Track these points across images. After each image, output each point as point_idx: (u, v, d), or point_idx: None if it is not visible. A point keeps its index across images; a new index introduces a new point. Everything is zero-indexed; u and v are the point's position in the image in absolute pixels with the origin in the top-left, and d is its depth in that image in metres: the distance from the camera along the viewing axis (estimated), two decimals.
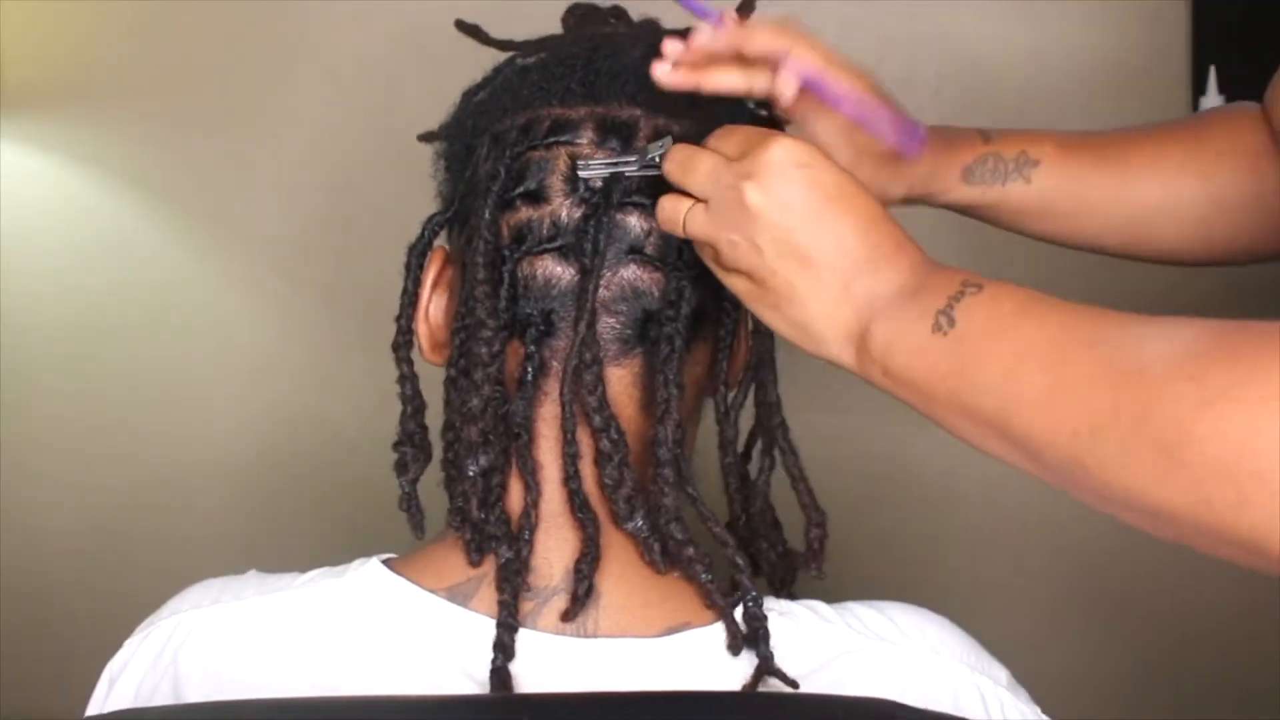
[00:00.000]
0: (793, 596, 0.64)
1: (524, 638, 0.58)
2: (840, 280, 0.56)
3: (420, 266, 0.66)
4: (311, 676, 0.59)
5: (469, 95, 0.68)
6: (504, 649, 0.57)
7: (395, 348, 0.66)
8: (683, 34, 0.68)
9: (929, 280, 0.54)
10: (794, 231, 0.56)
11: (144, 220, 1.57)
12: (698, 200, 0.59)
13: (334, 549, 0.70)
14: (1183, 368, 0.43)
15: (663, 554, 0.61)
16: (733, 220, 0.57)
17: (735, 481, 0.69)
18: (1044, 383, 0.48)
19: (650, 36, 0.66)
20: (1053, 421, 0.47)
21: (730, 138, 0.59)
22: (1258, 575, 0.46)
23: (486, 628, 0.58)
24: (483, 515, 0.60)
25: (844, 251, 0.56)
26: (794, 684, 0.57)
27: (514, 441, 0.61)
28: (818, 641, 0.60)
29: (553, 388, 0.62)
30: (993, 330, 0.51)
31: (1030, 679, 0.64)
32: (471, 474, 0.60)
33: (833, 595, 0.64)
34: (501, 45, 0.71)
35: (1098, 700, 1.55)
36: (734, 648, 0.59)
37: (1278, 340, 0.42)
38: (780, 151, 0.56)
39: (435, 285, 0.67)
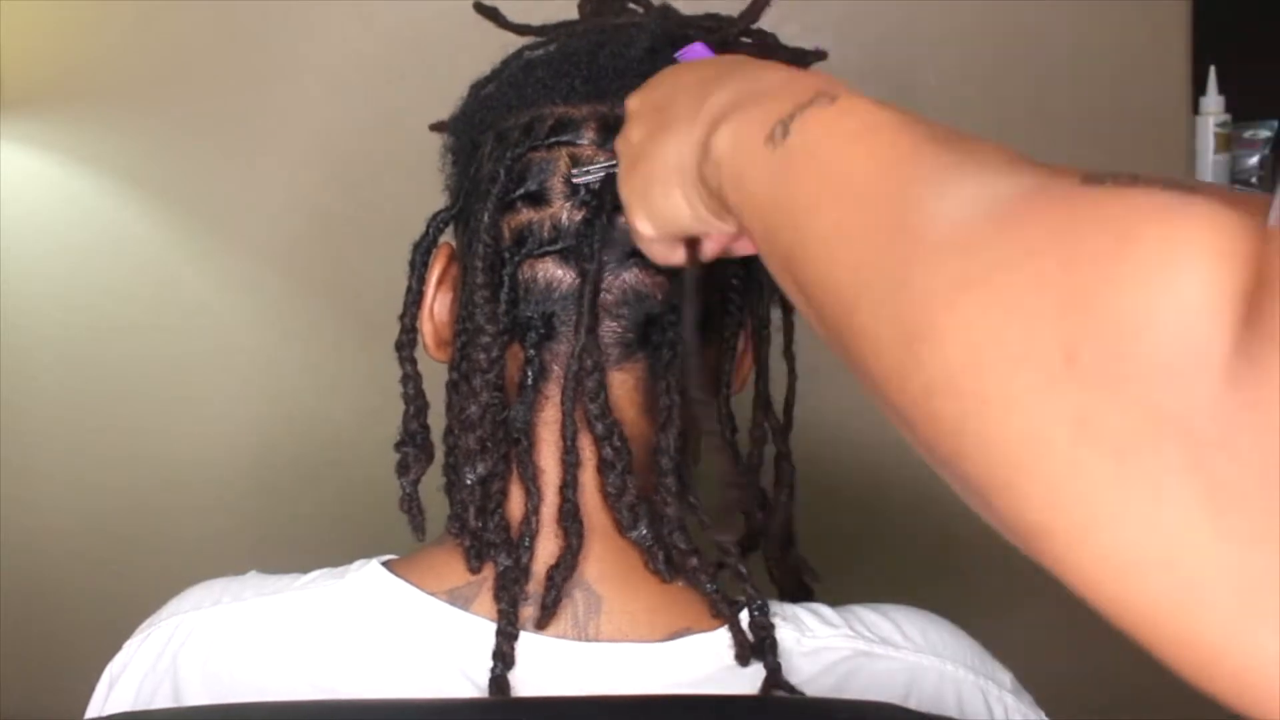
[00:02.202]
0: (795, 599, 0.64)
1: (525, 641, 0.58)
2: (692, 109, 0.48)
3: (425, 264, 0.65)
4: (311, 678, 0.58)
5: (477, 88, 0.68)
6: (503, 657, 0.57)
7: (399, 347, 0.65)
8: (695, 19, 0.67)
9: (787, 85, 0.45)
10: (655, 104, 0.52)
11: (144, 220, 1.57)
12: None
13: (334, 550, 0.70)
14: (960, 230, 0.32)
15: (666, 563, 0.60)
16: (620, 140, 0.55)
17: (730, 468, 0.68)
18: (832, 222, 0.38)
19: (658, 29, 0.65)
20: (826, 271, 0.38)
21: None
22: None
23: (487, 631, 0.58)
24: (480, 523, 0.60)
25: (695, 86, 0.49)
26: (801, 696, 0.57)
27: (514, 447, 0.61)
28: (821, 645, 0.59)
29: (553, 392, 0.61)
30: (820, 149, 0.41)
31: (1035, 683, 0.64)
32: (469, 482, 0.60)
33: (836, 598, 0.64)
34: (518, 29, 0.70)
35: (1103, 705, 1.55)
36: (742, 658, 0.58)
37: (1084, 207, 0.30)
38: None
39: (440, 282, 0.66)
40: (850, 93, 0.43)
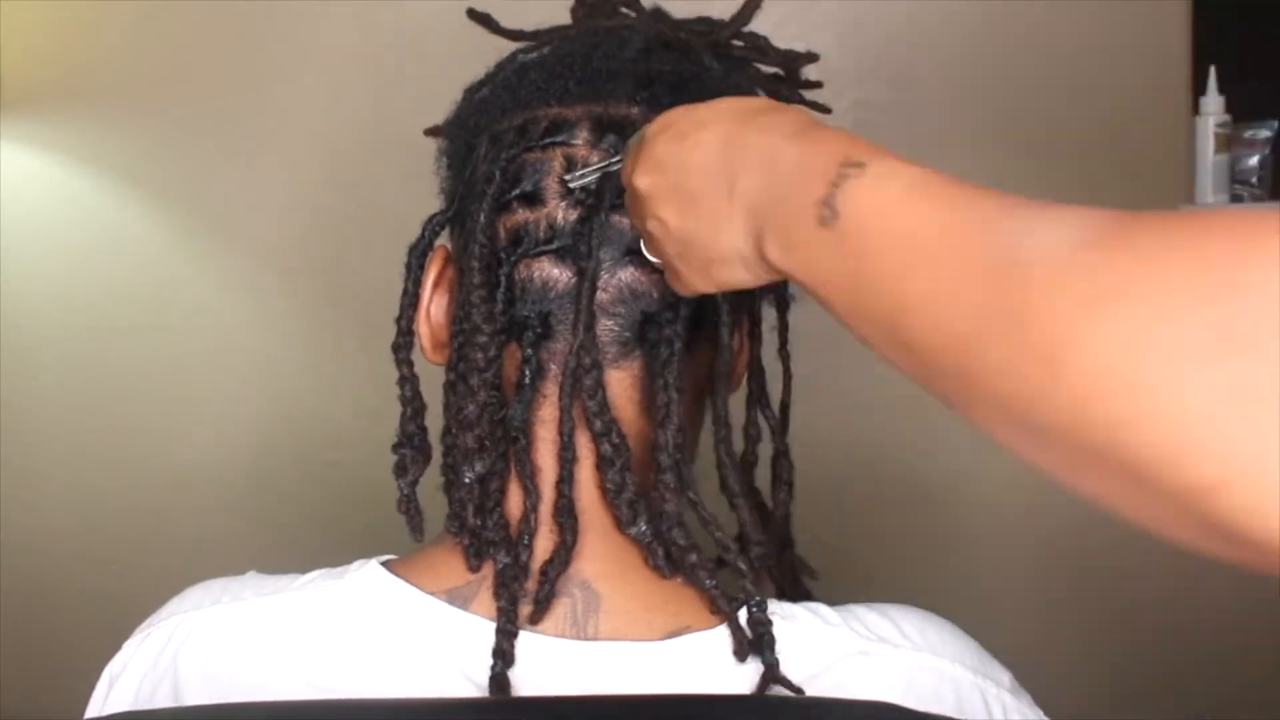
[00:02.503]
0: (793, 599, 0.64)
1: (524, 640, 0.58)
2: (722, 194, 0.51)
3: (421, 267, 0.66)
4: (310, 678, 0.59)
5: (471, 92, 0.68)
6: (503, 655, 0.57)
7: (395, 349, 0.65)
8: (688, 23, 0.68)
9: (806, 164, 0.48)
10: (675, 186, 0.54)
11: (144, 220, 1.57)
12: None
13: (334, 550, 0.70)
14: (1073, 259, 0.37)
15: (666, 559, 0.60)
16: (640, 213, 0.56)
17: (737, 485, 0.68)
18: (928, 281, 0.42)
19: (650, 30, 0.66)
20: (937, 326, 0.42)
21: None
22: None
23: (486, 630, 0.58)
24: (479, 521, 0.60)
25: (712, 167, 0.52)
26: (799, 692, 0.57)
27: (512, 445, 0.61)
28: (820, 644, 0.59)
29: (551, 390, 0.61)
30: (879, 220, 0.45)
31: (1033, 682, 0.64)
32: (468, 480, 0.60)
33: (836, 597, 0.64)
34: (511, 35, 0.71)
35: (1101, 703, 1.55)
36: (740, 654, 0.58)
37: (1183, 229, 0.36)
38: (648, 130, 0.55)
39: (437, 285, 0.66)
40: (872, 153, 0.46)
